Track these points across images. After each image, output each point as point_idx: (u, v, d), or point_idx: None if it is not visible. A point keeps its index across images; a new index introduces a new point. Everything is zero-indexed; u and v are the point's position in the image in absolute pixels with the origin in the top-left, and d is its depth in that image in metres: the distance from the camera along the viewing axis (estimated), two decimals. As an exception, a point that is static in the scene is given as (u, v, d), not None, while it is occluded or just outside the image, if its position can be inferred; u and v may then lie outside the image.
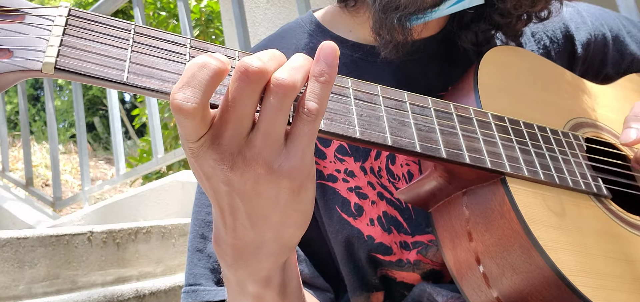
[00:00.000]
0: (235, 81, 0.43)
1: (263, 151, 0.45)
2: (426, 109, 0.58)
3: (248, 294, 0.55)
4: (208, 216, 0.78)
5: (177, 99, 0.41)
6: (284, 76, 0.44)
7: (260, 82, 0.44)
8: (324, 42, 0.46)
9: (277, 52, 0.46)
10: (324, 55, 0.46)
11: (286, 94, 0.44)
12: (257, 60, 0.43)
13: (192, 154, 0.45)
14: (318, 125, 0.46)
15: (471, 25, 0.79)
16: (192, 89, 0.42)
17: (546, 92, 0.75)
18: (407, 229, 0.75)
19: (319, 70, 0.46)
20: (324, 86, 0.46)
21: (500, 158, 0.60)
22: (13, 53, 0.39)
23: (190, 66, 0.43)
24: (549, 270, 0.56)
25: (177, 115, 0.42)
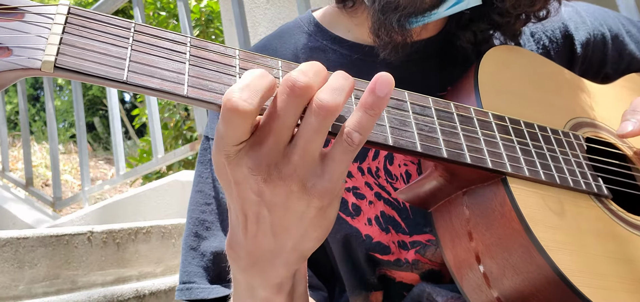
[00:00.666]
0: (282, 94, 0.44)
1: (299, 169, 0.46)
2: (427, 108, 0.58)
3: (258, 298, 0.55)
4: (202, 214, 0.78)
5: (234, 98, 0.42)
6: (327, 99, 0.44)
7: (305, 98, 0.44)
8: (381, 73, 0.46)
9: (321, 67, 0.46)
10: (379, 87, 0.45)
11: (327, 116, 0.44)
12: (303, 76, 0.44)
13: (227, 158, 0.45)
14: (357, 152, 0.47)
15: (470, 25, 0.78)
16: (250, 92, 0.42)
17: (546, 91, 0.75)
18: (405, 228, 0.75)
19: (371, 103, 0.45)
20: (372, 118, 0.46)
21: (501, 158, 0.60)
22: (12, 51, 0.39)
23: (248, 74, 0.44)
24: (549, 270, 0.56)
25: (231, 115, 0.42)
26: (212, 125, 0.82)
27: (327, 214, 0.49)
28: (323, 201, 0.47)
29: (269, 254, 0.50)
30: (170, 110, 4.40)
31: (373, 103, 0.45)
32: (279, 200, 0.46)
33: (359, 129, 0.46)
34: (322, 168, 0.47)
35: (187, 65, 0.47)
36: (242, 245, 0.51)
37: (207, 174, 0.80)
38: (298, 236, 0.49)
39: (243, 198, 0.47)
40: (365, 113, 0.46)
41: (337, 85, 0.45)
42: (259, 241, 0.49)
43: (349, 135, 0.45)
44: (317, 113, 0.44)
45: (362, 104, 0.46)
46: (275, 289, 0.54)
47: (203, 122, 2.49)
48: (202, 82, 0.46)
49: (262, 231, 0.49)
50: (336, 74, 0.47)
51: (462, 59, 0.80)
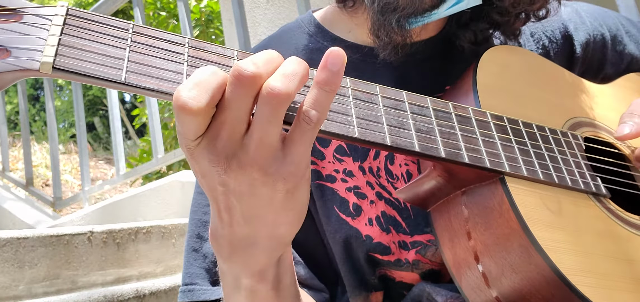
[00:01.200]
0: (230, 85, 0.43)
1: (257, 157, 0.45)
2: (425, 108, 0.58)
3: (242, 287, 0.55)
4: (204, 215, 0.79)
5: (183, 97, 0.42)
6: (277, 85, 0.43)
7: (253, 87, 0.44)
8: (332, 49, 0.45)
9: (274, 55, 0.46)
10: (331, 62, 0.45)
11: (279, 103, 0.43)
12: (251, 64, 0.43)
13: (188, 152, 0.46)
14: (316, 131, 0.46)
15: (470, 25, 0.78)
16: (199, 89, 0.42)
17: (545, 91, 0.75)
18: (406, 228, 0.75)
19: (324, 78, 0.45)
20: (328, 95, 0.45)
21: (499, 157, 0.60)
22: (11, 53, 0.39)
23: (199, 70, 0.43)
24: (548, 269, 0.56)
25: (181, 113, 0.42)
26: None
27: (296, 197, 0.49)
28: (288, 184, 0.47)
29: (245, 241, 0.50)
30: (171, 110, 4.40)
31: (327, 79, 0.45)
32: (244, 188, 0.46)
33: (316, 107, 0.45)
34: (284, 151, 0.46)
35: (185, 66, 0.47)
36: (221, 235, 0.51)
37: None
38: (270, 222, 0.49)
39: (211, 189, 0.48)
40: (320, 90, 0.45)
41: (289, 72, 0.45)
42: (234, 229, 0.50)
43: (306, 114, 0.45)
44: (268, 101, 0.43)
45: (316, 81, 0.45)
46: (257, 277, 0.54)
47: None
48: None
49: (235, 219, 0.49)
50: (288, 60, 0.46)
51: (462, 60, 0.80)
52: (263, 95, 0.44)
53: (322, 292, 0.79)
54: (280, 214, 0.49)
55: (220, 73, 0.43)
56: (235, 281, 0.55)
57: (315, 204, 0.77)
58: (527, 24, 0.85)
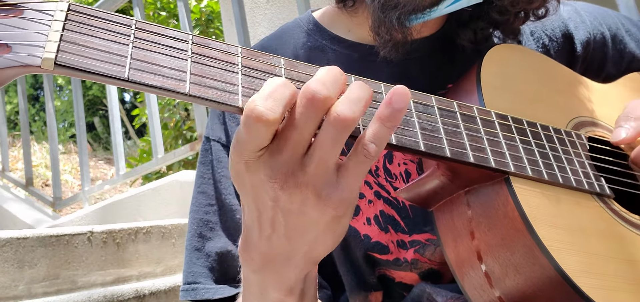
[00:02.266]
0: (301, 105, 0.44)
1: (315, 178, 0.46)
2: (430, 107, 0.57)
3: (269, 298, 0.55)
4: (206, 215, 0.78)
5: (259, 107, 0.42)
6: (345, 111, 0.44)
7: (324, 109, 0.44)
8: (397, 87, 0.46)
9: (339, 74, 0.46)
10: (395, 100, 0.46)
11: (346, 128, 0.44)
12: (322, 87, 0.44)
13: (245, 165, 0.46)
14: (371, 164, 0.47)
15: (469, 24, 0.78)
16: (274, 101, 0.43)
17: (548, 90, 0.75)
18: (405, 228, 0.75)
19: (388, 115, 0.46)
20: (389, 130, 0.46)
21: (504, 157, 0.60)
22: (11, 48, 0.39)
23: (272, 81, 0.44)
24: (552, 270, 0.55)
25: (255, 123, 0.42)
26: (213, 126, 0.82)
27: (341, 222, 0.49)
28: (338, 210, 0.48)
29: (282, 257, 0.51)
30: (170, 110, 4.40)
31: (390, 115, 0.46)
32: (294, 207, 0.47)
33: (376, 141, 0.46)
34: (338, 178, 0.47)
35: (189, 62, 0.46)
36: (256, 247, 0.51)
37: (209, 175, 0.80)
38: (311, 242, 0.50)
39: (259, 202, 0.48)
40: (382, 125, 0.46)
41: (355, 97, 0.45)
42: (273, 244, 0.50)
43: (365, 147, 0.46)
44: (335, 125, 0.44)
45: (379, 116, 0.46)
46: (286, 291, 0.54)
47: (203, 122, 2.48)
48: (205, 80, 0.46)
49: (276, 234, 0.49)
50: (354, 85, 0.47)
51: (462, 58, 0.80)
52: (330, 120, 0.44)
53: (325, 289, 0.79)
54: (322, 236, 0.49)
55: (290, 86, 0.44)
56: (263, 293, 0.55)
57: None
58: (527, 23, 0.85)
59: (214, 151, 0.80)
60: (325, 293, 0.78)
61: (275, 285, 0.54)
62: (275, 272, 0.52)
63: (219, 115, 0.82)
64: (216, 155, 0.80)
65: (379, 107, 0.46)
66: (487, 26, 0.79)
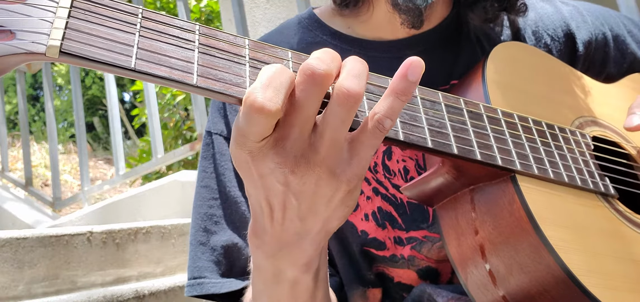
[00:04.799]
0: (301, 84, 0.43)
1: (327, 157, 0.45)
2: (437, 103, 0.57)
3: (285, 281, 0.55)
4: (210, 209, 0.78)
5: (259, 99, 0.41)
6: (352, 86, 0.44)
7: (326, 85, 0.44)
8: (412, 58, 0.45)
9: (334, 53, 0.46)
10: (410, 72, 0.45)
11: (355, 103, 0.44)
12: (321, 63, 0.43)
13: (250, 154, 0.45)
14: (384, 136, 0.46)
15: (478, 2, 0.78)
16: (273, 90, 0.42)
17: (553, 89, 0.75)
18: (402, 224, 0.75)
19: (402, 88, 0.45)
20: (402, 103, 0.45)
21: (511, 155, 0.59)
22: (15, 35, 0.38)
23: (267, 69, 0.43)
24: (558, 270, 0.55)
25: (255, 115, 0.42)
26: (214, 120, 0.82)
27: (353, 195, 0.49)
28: (351, 185, 0.47)
29: (297, 236, 0.50)
30: (170, 110, 4.40)
31: (404, 88, 0.45)
32: (308, 188, 0.46)
33: (390, 115, 0.45)
34: (350, 153, 0.47)
35: (196, 53, 0.45)
36: (267, 232, 0.50)
37: (211, 169, 0.80)
38: (325, 218, 0.49)
39: (268, 189, 0.47)
40: (396, 98, 0.45)
41: (358, 71, 0.45)
42: (286, 226, 0.49)
43: (380, 122, 0.45)
44: (344, 102, 0.44)
45: (394, 89, 0.45)
46: (303, 268, 0.54)
47: (203, 122, 2.48)
48: (212, 71, 0.45)
49: (288, 217, 0.49)
50: (352, 60, 0.46)
51: (465, 51, 0.80)
52: (338, 96, 0.44)
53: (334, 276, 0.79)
54: (335, 211, 0.49)
55: (287, 70, 0.43)
56: (277, 275, 0.55)
57: None
58: (529, 23, 0.85)
59: (216, 145, 0.80)
60: (334, 280, 0.79)
61: (291, 265, 0.53)
62: (290, 254, 0.52)
63: (220, 108, 0.82)
64: (218, 148, 0.80)
65: (393, 80, 0.45)
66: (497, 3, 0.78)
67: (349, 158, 0.47)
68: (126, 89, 8.94)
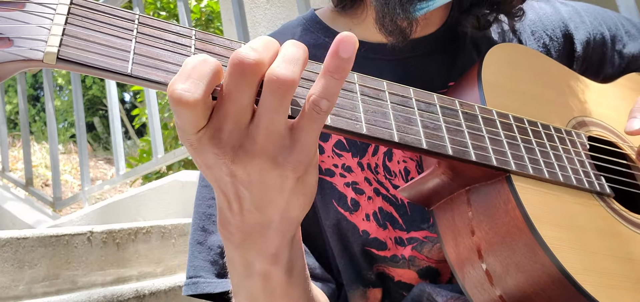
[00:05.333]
0: (230, 75, 0.42)
1: (265, 146, 0.44)
2: (432, 105, 0.57)
3: (255, 273, 0.54)
4: (209, 208, 0.79)
5: (177, 90, 0.40)
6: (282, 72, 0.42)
7: (256, 75, 0.42)
8: (343, 34, 0.43)
9: (270, 40, 0.44)
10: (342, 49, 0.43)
11: (286, 91, 0.42)
12: (251, 51, 0.42)
13: (191, 146, 0.45)
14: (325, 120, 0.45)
15: (472, 10, 0.78)
16: (193, 81, 0.41)
17: (549, 90, 0.75)
18: (402, 225, 0.75)
19: (335, 66, 0.43)
20: (338, 82, 0.43)
21: (506, 156, 0.60)
22: (13, 42, 0.38)
23: (190, 60, 0.42)
24: (554, 269, 0.55)
25: (177, 107, 0.41)
26: None
27: (306, 182, 0.48)
28: (297, 171, 0.46)
29: (258, 226, 0.50)
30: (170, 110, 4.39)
31: (338, 66, 0.43)
32: (253, 177, 0.46)
33: (326, 95, 0.43)
34: (292, 139, 0.45)
35: None
36: (231, 222, 0.50)
37: None
38: (283, 206, 0.48)
39: (218, 180, 0.47)
40: (331, 78, 0.43)
41: (291, 56, 0.43)
42: (245, 217, 0.49)
43: (316, 104, 0.43)
44: (276, 90, 0.42)
45: (326, 68, 0.43)
46: (271, 260, 0.53)
47: (203, 122, 2.48)
48: None
49: (245, 207, 0.48)
50: (287, 44, 0.44)
51: (464, 57, 0.80)
52: (268, 84, 0.42)
53: (329, 282, 0.79)
54: (291, 199, 0.48)
55: (211, 60, 0.42)
56: (247, 267, 0.54)
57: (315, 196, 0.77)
58: (528, 23, 0.85)
59: None
60: (330, 287, 0.79)
61: (258, 256, 0.52)
62: (255, 243, 0.51)
63: None
64: None
65: (326, 59, 0.43)
66: (489, 10, 0.78)
67: (291, 145, 0.45)
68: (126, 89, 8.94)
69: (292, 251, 0.55)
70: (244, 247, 0.52)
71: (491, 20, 0.79)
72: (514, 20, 0.80)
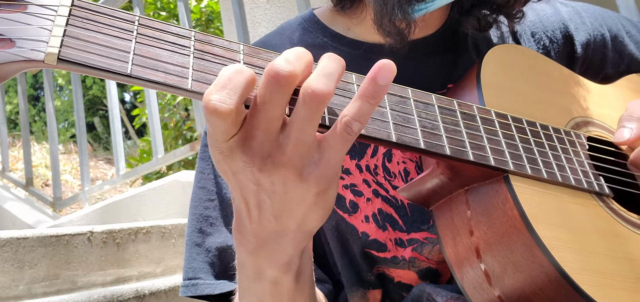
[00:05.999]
0: (265, 86, 0.43)
1: (294, 158, 0.45)
2: (430, 105, 0.58)
3: (265, 279, 0.55)
4: (206, 210, 0.79)
5: (212, 101, 0.41)
6: (319, 86, 0.43)
7: (290, 87, 0.43)
8: (383, 61, 0.44)
9: (303, 51, 0.45)
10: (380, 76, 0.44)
11: (321, 104, 0.43)
12: (286, 63, 0.43)
13: (220, 153, 0.45)
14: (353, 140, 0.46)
15: (472, 11, 0.78)
16: (228, 91, 0.42)
17: (548, 90, 0.75)
18: (402, 226, 0.75)
19: (372, 92, 0.44)
20: (372, 107, 0.45)
21: (504, 156, 0.60)
22: (15, 43, 0.39)
23: (225, 70, 0.43)
24: (552, 268, 0.55)
25: (211, 116, 0.42)
26: None
27: (326, 197, 0.49)
28: (320, 186, 0.47)
29: (275, 235, 0.50)
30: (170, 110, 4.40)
31: (374, 92, 0.44)
32: (277, 187, 0.46)
33: (359, 118, 0.44)
34: (319, 154, 0.46)
35: (191, 58, 0.46)
36: (247, 229, 0.51)
37: (209, 170, 0.80)
38: (300, 218, 0.49)
39: (242, 187, 0.47)
40: (365, 102, 0.44)
41: (328, 71, 0.44)
42: (263, 224, 0.50)
43: (348, 125, 0.45)
44: (309, 103, 0.43)
45: (363, 93, 0.44)
46: (283, 268, 0.54)
47: (203, 122, 2.48)
48: (207, 76, 0.46)
49: (264, 215, 0.49)
50: (326, 58, 0.45)
51: (463, 58, 0.80)
52: (304, 97, 0.43)
53: (326, 283, 0.80)
54: (309, 211, 0.49)
55: (246, 71, 0.43)
56: (258, 273, 0.55)
57: None
58: (528, 24, 0.85)
59: None
60: (326, 287, 0.79)
61: (271, 264, 0.53)
62: (270, 251, 0.52)
63: None
64: None
65: (363, 83, 0.44)
66: (490, 11, 0.79)
67: (318, 160, 0.46)
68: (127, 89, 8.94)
69: (302, 260, 0.56)
70: (258, 254, 0.53)
71: (491, 21, 0.79)
72: (514, 22, 0.80)
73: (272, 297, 0.57)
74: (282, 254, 0.52)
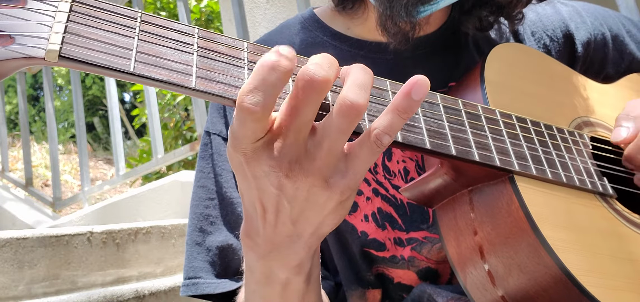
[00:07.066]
0: (300, 90, 0.43)
1: (322, 167, 0.45)
2: (435, 105, 0.57)
3: (276, 282, 0.55)
4: (206, 209, 0.78)
5: (246, 102, 0.41)
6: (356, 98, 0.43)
7: (324, 92, 0.43)
8: (418, 77, 0.44)
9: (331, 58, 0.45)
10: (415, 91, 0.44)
11: (358, 116, 0.43)
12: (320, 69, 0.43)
13: (244, 155, 0.45)
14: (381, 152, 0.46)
15: (473, 11, 0.78)
16: (263, 93, 0.41)
17: (551, 90, 0.75)
18: (402, 225, 0.75)
19: (405, 106, 0.44)
20: (403, 121, 0.45)
21: (509, 156, 0.59)
22: (15, 39, 0.38)
23: (260, 68, 0.42)
24: (557, 270, 0.55)
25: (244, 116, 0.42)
26: (213, 120, 0.82)
27: (345, 205, 0.49)
28: (344, 195, 0.47)
29: (289, 239, 0.50)
30: (170, 110, 4.40)
31: (407, 106, 0.44)
32: (300, 194, 0.46)
33: (390, 131, 0.45)
34: (346, 165, 0.46)
35: (195, 56, 0.45)
36: (260, 233, 0.50)
37: (209, 170, 0.80)
38: (317, 223, 0.49)
39: (262, 191, 0.47)
40: (397, 116, 0.45)
41: (362, 82, 0.44)
42: (279, 229, 0.49)
43: (378, 138, 0.45)
44: (347, 114, 0.43)
45: (396, 107, 0.45)
46: (295, 270, 0.54)
47: (203, 122, 2.48)
48: (211, 74, 0.45)
49: (281, 220, 0.48)
50: (357, 69, 0.46)
51: (465, 56, 0.80)
52: (341, 108, 0.43)
53: (328, 279, 0.80)
54: (327, 218, 0.49)
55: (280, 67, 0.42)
56: (268, 276, 0.55)
57: None
58: (528, 23, 0.85)
59: (214, 145, 0.80)
60: (329, 284, 0.79)
61: (283, 266, 0.53)
62: (282, 255, 0.52)
63: (219, 108, 0.82)
64: (216, 148, 0.80)
65: (396, 97, 0.45)
66: (491, 12, 0.78)
67: (345, 170, 0.46)
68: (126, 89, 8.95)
69: (313, 261, 0.56)
70: (269, 258, 0.52)
71: (492, 21, 0.79)
72: (514, 23, 0.80)
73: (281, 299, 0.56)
74: (294, 257, 0.52)
